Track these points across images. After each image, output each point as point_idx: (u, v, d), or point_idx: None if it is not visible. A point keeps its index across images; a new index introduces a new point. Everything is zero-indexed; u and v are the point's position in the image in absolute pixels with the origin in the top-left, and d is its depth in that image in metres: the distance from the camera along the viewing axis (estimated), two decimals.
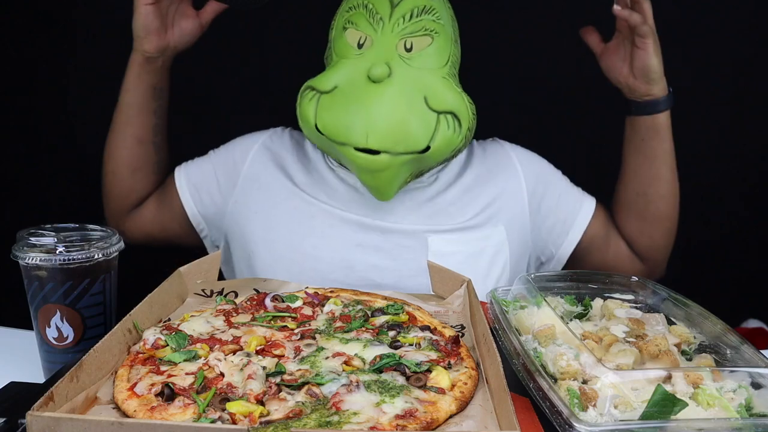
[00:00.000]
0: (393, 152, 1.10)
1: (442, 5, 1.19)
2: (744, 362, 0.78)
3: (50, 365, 0.94)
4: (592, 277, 1.02)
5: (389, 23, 1.13)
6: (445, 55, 1.17)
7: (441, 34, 1.16)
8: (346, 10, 1.19)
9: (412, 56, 1.14)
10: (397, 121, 1.09)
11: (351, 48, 1.16)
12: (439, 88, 1.13)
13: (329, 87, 1.14)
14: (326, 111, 1.13)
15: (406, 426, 0.66)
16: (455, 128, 1.13)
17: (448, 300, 1.03)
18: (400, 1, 1.15)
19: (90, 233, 0.97)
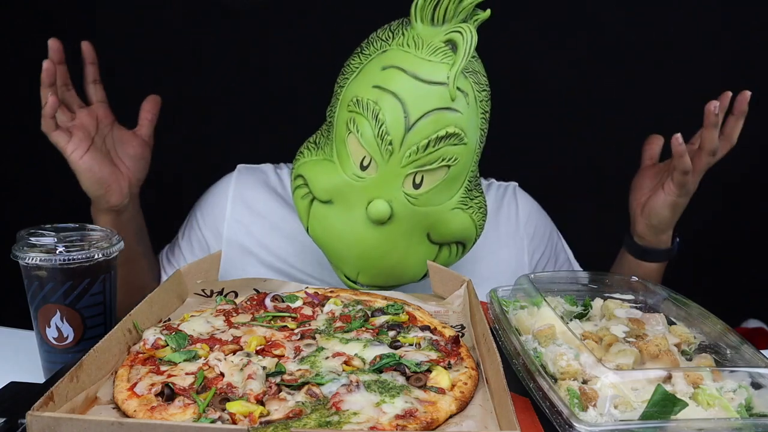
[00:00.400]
0: (383, 287, 1.04)
1: (471, 113, 0.98)
2: (744, 362, 0.78)
3: (50, 365, 0.94)
4: (592, 277, 1.02)
5: (399, 152, 0.94)
6: (460, 180, 1.00)
7: (461, 158, 0.97)
8: (353, 101, 0.98)
9: (420, 194, 0.98)
10: (391, 265, 1.00)
11: (352, 164, 0.99)
12: (445, 223, 1.00)
13: (324, 198, 1.02)
14: (319, 225, 1.03)
15: (406, 426, 0.66)
16: (457, 253, 1.04)
17: (448, 300, 1.03)
18: (416, 121, 0.93)
19: (90, 233, 0.97)
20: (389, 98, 0.95)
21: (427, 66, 0.94)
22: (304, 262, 1.27)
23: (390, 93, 0.95)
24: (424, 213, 0.99)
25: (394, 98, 0.94)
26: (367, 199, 0.97)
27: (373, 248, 0.99)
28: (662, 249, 1.25)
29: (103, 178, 1.12)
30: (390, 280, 1.03)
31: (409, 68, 0.95)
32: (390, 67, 0.96)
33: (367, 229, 0.98)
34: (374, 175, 0.98)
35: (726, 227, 2.18)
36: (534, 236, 1.35)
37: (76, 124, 1.12)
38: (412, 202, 0.98)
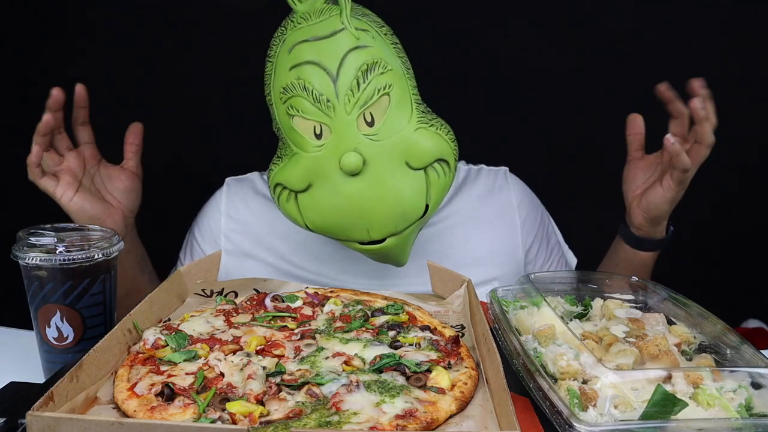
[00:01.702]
0: (397, 232, 1.04)
1: (380, 44, 1.04)
2: (744, 362, 0.78)
3: (50, 365, 0.94)
4: (592, 277, 1.02)
5: (339, 103, 1.00)
6: (406, 102, 1.04)
7: (395, 83, 1.03)
8: (281, 91, 1.03)
9: (377, 130, 1.01)
10: (389, 205, 1.01)
11: (307, 141, 1.03)
12: (416, 145, 1.03)
13: (302, 186, 1.04)
14: (312, 212, 1.05)
15: (406, 426, 0.66)
16: (445, 172, 1.06)
17: (448, 300, 1.03)
18: (338, 70, 1.00)
19: (90, 233, 0.97)
20: (306, 67, 1.01)
21: (321, 26, 1.02)
22: (301, 259, 1.30)
23: (305, 63, 1.01)
24: (391, 144, 1.02)
25: (310, 64, 1.01)
26: (336, 159, 1.00)
27: (366, 199, 1.01)
28: (658, 238, 1.29)
29: (95, 215, 1.15)
30: (399, 222, 1.03)
31: (308, 36, 1.02)
32: (293, 46, 1.03)
33: (352, 184, 1.00)
34: (330, 136, 1.02)
35: (726, 227, 2.18)
36: (526, 219, 1.37)
37: (63, 167, 1.15)
38: (374, 140, 1.01)
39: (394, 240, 1.05)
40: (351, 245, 1.07)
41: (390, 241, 1.04)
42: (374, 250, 1.06)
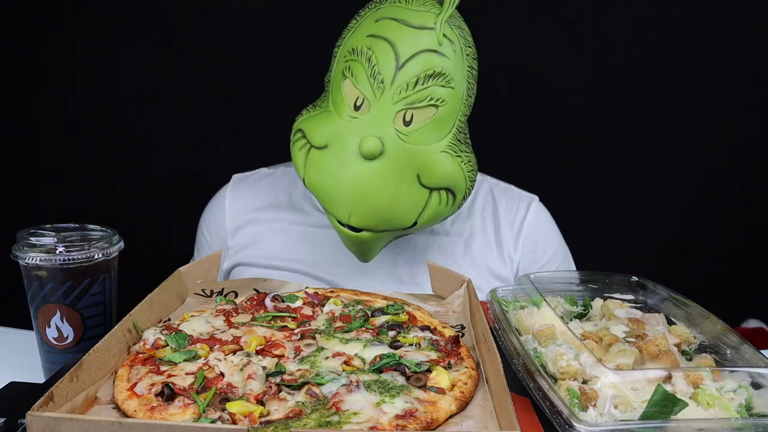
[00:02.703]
0: (375, 230, 1.05)
1: (457, 61, 1.04)
2: (744, 362, 0.78)
3: (50, 365, 0.94)
4: (592, 277, 1.02)
5: (390, 90, 1.01)
6: (449, 123, 1.05)
7: (449, 101, 1.04)
8: (349, 51, 1.06)
9: (410, 131, 1.03)
10: (382, 204, 1.02)
11: (347, 107, 1.05)
12: (434, 164, 1.04)
13: (320, 143, 1.05)
14: (315, 170, 1.06)
15: (406, 426, 0.66)
16: (448, 202, 1.07)
17: (448, 300, 1.03)
18: (407, 61, 1.01)
19: (90, 233, 0.97)
20: (381, 43, 1.03)
21: (416, 15, 1.04)
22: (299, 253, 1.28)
23: (382, 38, 1.03)
24: (414, 151, 1.03)
25: (386, 42, 1.02)
26: (360, 136, 1.01)
27: (365, 184, 1.01)
28: None
29: None
30: (381, 222, 1.04)
31: (399, 17, 1.04)
32: (382, 18, 1.05)
33: (360, 165, 1.01)
34: (367, 113, 1.03)
35: (726, 227, 2.18)
36: (533, 252, 1.30)
37: None
38: (402, 139, 1.02)
39: (369, 236, 1.06)
40: (330, 218, 1.08)
41: (365, 234, 1.05)
42: (347, 235, 1.06)
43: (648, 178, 2.18)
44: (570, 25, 2.05)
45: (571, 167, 2.16)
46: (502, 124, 2.10)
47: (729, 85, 2.06)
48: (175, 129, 2.18)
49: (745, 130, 2.11)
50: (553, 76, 2.08)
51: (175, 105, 2.14)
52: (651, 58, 2.07)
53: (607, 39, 2.06)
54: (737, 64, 2.04)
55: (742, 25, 2.02)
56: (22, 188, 2.26)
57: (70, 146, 2.23)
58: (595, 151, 2.14)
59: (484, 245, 1.29)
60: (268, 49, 2.09)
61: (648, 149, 2.15)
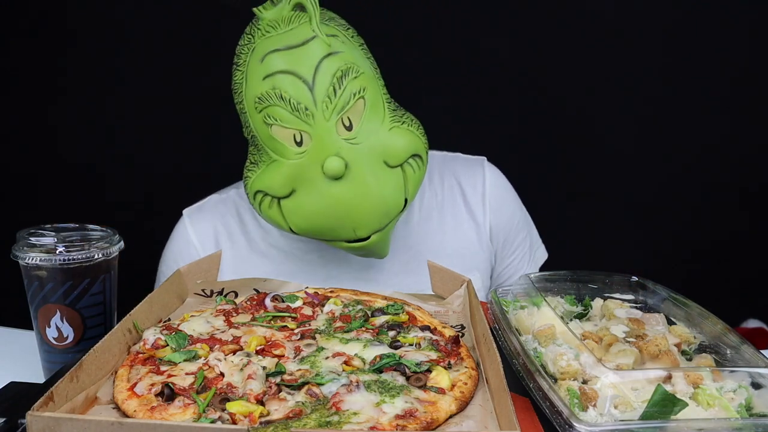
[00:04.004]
0: (381, 228, 1.08)
1: (350, 48, 1.07)
2: (744, 362, 0.78)
3: (50, 365, 0.94)
4: (592, 277, 1.02)
5: (317, 111, 1.02)
6: (379, 103, 1.08)
7: (368, 86, 1.06)
8: (256, 100, 1.05)
9: (356, 133, 1.05)
10: (373, 205, 1.05)
11: (288, 148, 1.05)
12: (392, 145, 1.07)
13: (286, 192, 1.06)
14: (297, 216, 1.07)
15: (406, 426, 0.66)
16: (419, 166, 1.10)
17: (448, 300, 1.03)
18: (314, 78, 1.02)
19: (90, 233, 0.97)
20: (281, 77, 1.03)
21: (292, 34, 1.04)
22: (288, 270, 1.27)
23: (279, 73, 1.03)
24: (370, 146, 1.05)
25: (285, 74, 1.03)
26: (318, 165, 1.03)
27: (352, 200, 1.04)
28: None
29: None
30: (382, 219, 1.07)
31: (280, 45, 1.04)
32: (264, 55, 1.05)
33: (337, 187, 1.03)
34: (311, 143, 1.04)
35: (726, 227, 2.18)
36: (498, 210, 1.34)
37: None
38: (354, 143, 1.05)
39: (378, 236, 1.09)
40: (337, 245, 1.10)
41: (374, 237, 1.08)
42: (359, 247, 1.09)
43: (648, 178, 2.18)
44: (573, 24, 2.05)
45: (572, 167, 2.16)
46: (502, 124, 2.10)
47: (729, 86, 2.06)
48: (175, 129, 2.18)
49: (745, 130, 2.11)
50: (554, 77, 2.08)
51: (176, 105, 2.14)
52: (652, 59, 2.07)
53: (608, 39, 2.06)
54: (742, 67, 2.04)
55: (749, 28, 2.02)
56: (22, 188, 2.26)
57: (70, 146, 2.23)
58: (595, 152, 2.14)
59: (456, 212, 1.32)
60: None
61: (648, 149, 2.15)
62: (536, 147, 2.13)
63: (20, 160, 2.24)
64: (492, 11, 2.01)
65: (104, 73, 2.19)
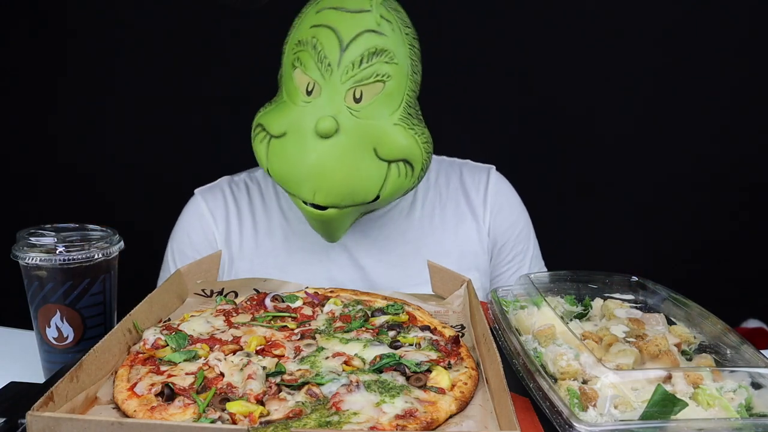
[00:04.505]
0: (340, 206, 1.09)
1: (397, 39, 1.11)
2: (744, 362, 0.78)
3: (50, 365, 0.94)
4: (592, 277, 1.02)
5: (338, 71, 1.07)
6: (398, 97, 1.11)
7: (394, 76, 1.09)
8: (296, 43, 1.12)
9: (361, 107, 1.08)
10: (343, 178, 1.06)
11: (299, 93, 1.10)
12: (389, 137, 1.08)
13: (279, 132, 1.10)
14: (276, 158, 1.10)
15: (406, 426, 0.66)
16: (407, 174, 1.11)
17: (448, 300, 1.03)
18: (349, 43, 1.07)
19: (90, 233, 0.97)
20: (324, 30, 1.09)
21: (353, 1, 1.11)
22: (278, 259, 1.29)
23: (324, 26, 1.09)
24: (368, 126, 1.08)
25: (328, 29, 1.09)
26: (315, 118, 1.06)
27: (325, 162, 1.05)
28: None
29: None
30: (345, 197, 1.08)
31: (338, 5, 1.11)
32: (322, 9, 1.11)
33: (318, 144, 1.06)
34: (319, 96, 1.08)
35: (726, 227, 2.18)
36: (499, 214, 1.34)
37: None
38: (355, 115, 1.07)
39: (335, 212, 1.09)
40: (296, 201, 1.11)
41: (331, 211, 1.09)
42: (314, 214, 1.10)
43: (648, 179, 2.18)
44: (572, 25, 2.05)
45: (572, 167, 2.16)
46: (502, 124, 2.10)
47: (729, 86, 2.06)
48: (175, 129, 2.18)
49: (745, 130, 2.11)
50: (553, 77, 2.08)
51: (176, 106, 2.14)
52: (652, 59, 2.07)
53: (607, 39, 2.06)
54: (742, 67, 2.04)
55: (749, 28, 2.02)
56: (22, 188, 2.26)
57: (70, 146, 2.23)
58: (595, 152, 2.14)
59: (458, 212, 1.33)
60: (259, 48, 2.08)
61: (648, 149, 2.15)
62: (536, 147, 2.13)
63: (20, 160, 2.24)
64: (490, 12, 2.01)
65: (104, 73, 2.19)
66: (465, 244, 1.31)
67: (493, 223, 1.33)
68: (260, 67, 2.08)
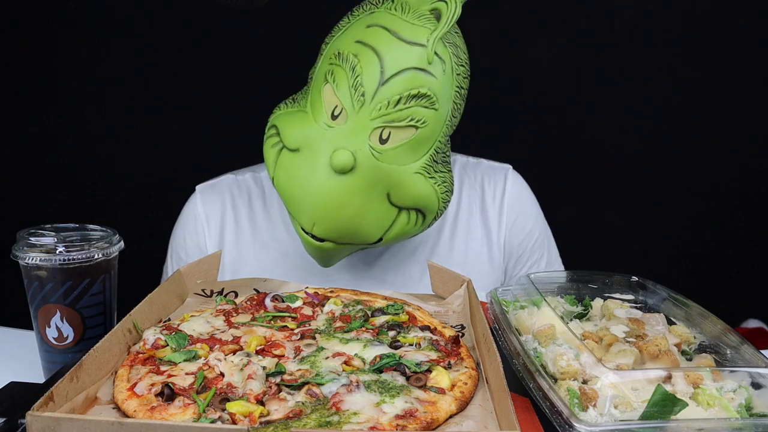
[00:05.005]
0: (338, 242, 1.04)
1: (446, 82, 1.01)
2: (744, 362, 0.78)
3: (50, 365, 0.94)
4: (592, 277, 1.02)
5: (370, 104, 0.98)
6: (428, 144, 1.03)
7: (430, 123, 1.01)
8: (335, 54, 1.03)
9: (384, 150, 1.00)
10: (348, 218, 1.00)
11: (323, 113, 1.02)
12: (406, 185, 1.02)
13: (293, 145, 1.03)
14: (284, 172, 1.04)
15: (406, 426, 0.66)
16: (416, 222, 1.05)
17: (448, 300, 1.03)
18: (391, 77, 0.97)
19: (90, 233, 0.96)
20: (368, 52, 0.99)
21: (410, 28, 0.99)
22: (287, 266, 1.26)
23: (370, 48, 0.99)
24: (386, 170, 1.00)
25: (373, 53, 0.99)
26: (333, 147, 0.98)
27: (331, 197, 0.99)
28: None
29: None
30: (344, 236, 1.02)
31: (391, 27, 0.99)
32: (374, 25, 1.01)
33: (329, 177, 0.99)
34: (343, 124, 1.00)
35: (726, 227, 2.18)
36: (515, 225, 1.29)
37: None
38: (376, 156, 1.00)
39: (331, 246, 1.04)
40: (294, 223, 1.06)
41: (328, 244, 1.04)
42: (309, 242, 1.05)
43: (649, 179, 2.18)
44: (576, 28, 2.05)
45: (572, 168, 2.16)
46: (503, 124, 2.10)
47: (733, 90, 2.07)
48: (175, 130, 2.18)
49: (746, 132, 2.12)
50: (556, 79, 2.08)
51: (176, 106, 2.14)
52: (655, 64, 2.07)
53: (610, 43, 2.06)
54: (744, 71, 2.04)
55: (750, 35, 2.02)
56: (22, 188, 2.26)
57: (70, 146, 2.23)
58: (596, 152, 2.14)
59: (470, 225, 1.27)
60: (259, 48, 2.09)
61: (649, 150, 2.15)
62: (536, 147, 2.13)
63: (20, 160, 2.24)
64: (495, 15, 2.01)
65: (105, 73, 2.19)
66: (472, 263, 1.26)
67: (508, 236, 1.28)
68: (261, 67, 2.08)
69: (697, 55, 2.03)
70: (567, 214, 2.04)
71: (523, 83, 2.08)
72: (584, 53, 2.07)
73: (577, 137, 2.12)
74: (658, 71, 2.07)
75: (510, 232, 1.28)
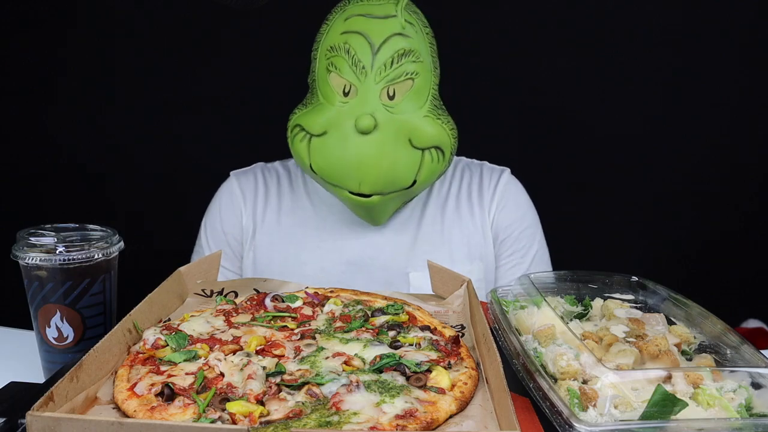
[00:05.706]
0: (383, 193, 1.20)
1: (420, 39, 1.21)
2: (744, 362, 0.78)
3: (50, 365, 0.94)
4: (592, 277, 1.02)
5: (371, 72, 1.17)
6: (425, 92, 1.22)
7: (421, 73, 1.20)
8: (328, 48, 1.21)
9: (395, 104, 1.19)
10: (385, 169, 1.17)
11: (336, 95, 1.20)
12: (421, 128, 1.19)
13: (319, 131, 1.20)
14: (319, 155, 1.20)
15: (406, 426, 0.66)
16: (439, 159, 1.22)
17: (448, 300, 1.03)
18: (380, 46, 1.18)
19: (90, 233, 0.96)
20: (355, 36, 1.19)
21: (378, 7, 1.21)
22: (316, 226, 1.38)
23: (355, 32, 1.19)
24: (402, 120, 1.19)
25: (359, 35, 1.19)
26: (354, 116, 1.16)
27: (367, 156, 1.16)
28: None
29: None
30: (387, 185, 1.19)
31: (365, 12, 1.21)
32: (351, 16, 1.21)
33: (360, 141, 1.16)
34: (356, 97, 1.19)
35: (726, 228, 2.18)
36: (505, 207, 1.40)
37: None
38: (390, 111, 1.18)
39: (379, 198, 1.21)
40: (341, 192, 1.21)
41: (375, 198, 1.20)
42: (360, 202, 1.21)
43: (649, 179, 2.18)
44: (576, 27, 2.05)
45: (572, 167, 2.16)
46: (503, 124, 2.10)
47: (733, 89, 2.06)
48: (175, 130, 2.18)
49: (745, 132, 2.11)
50: (555, 78, 2.08)
51: (176, 106, 2.14)
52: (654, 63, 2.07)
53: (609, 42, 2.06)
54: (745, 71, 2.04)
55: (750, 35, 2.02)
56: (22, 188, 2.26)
57: (70, 146, 2.23)
58: (596, 152, 2.14)
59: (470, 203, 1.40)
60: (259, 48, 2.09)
61: (649, 150, 2.15)
62: (536, 147, 2.13)
63: (21, 160, 2.24)
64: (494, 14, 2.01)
65: (105, 73, 2.19)
66: (472, 234, 1.38)
67: (497, 216, 1.40)
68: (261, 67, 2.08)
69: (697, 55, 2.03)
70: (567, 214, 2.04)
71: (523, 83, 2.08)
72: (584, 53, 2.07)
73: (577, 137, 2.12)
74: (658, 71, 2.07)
75: (498, 212, 1.41)
